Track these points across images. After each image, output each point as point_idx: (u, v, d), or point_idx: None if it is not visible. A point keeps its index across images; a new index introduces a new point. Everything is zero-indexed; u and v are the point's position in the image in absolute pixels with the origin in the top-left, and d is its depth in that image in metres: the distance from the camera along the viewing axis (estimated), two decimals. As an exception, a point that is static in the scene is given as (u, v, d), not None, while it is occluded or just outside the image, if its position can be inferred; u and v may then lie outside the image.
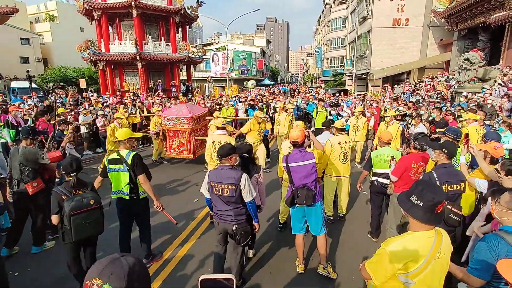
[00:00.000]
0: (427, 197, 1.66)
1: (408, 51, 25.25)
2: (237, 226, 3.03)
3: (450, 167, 3.16)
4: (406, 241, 1.72)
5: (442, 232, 1.80)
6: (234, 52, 44.30)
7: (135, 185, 3.55)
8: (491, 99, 9.96)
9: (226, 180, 2.95)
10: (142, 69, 19.52)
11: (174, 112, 7.67)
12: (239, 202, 3.03)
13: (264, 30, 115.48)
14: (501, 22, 15.36)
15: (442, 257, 1.74)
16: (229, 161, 3.04)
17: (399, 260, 1.67)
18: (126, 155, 3.51)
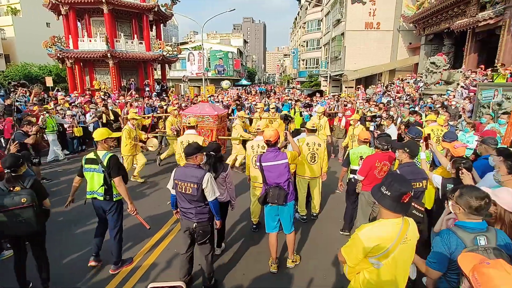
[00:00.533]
0: (395, 188, 1.83)
1: (379, 54, 26.19)
2: (197, 225, 3.09)
3: (413, 166, 3.29)
4: (376, 227, 1.91)
5: (409, 221, 1.96)
6: (211, 52, 43.86)
7: (109, 186, 3.52)
8: (455, 100, 10.52)
9: (190, 179, 3.00)
10: (114, 68, 18.80)
11: (197, 110, 7.41)
12: (201, 201, 3.07)
13: (241, 30, 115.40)
14: (463, 28, 16.31)
15: (408, 243, 1.91)
16: (194, 160, 3.09)
17: (369, 243, 1.84)
18: (103, 156, 3.47)
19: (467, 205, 1.89)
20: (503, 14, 14.00)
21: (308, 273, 3.74)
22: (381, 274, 1.91)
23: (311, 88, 31.18)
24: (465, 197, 1.91)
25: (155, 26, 22.76)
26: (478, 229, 1.88)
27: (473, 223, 1.90)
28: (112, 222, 3.68)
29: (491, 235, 1.86)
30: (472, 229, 1.89)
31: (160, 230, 4.80)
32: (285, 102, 14.42)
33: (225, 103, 11.99)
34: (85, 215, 4.99)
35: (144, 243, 4.42)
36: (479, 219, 1.90)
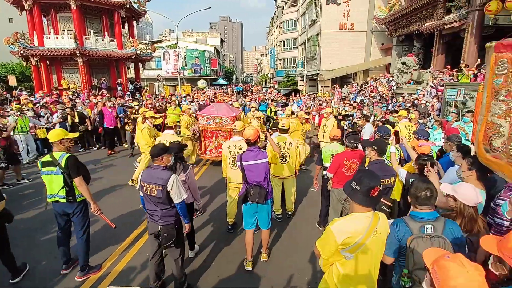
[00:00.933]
0: (364, 183, 1.94)
1: (354, 54, 26.86)
2: (162, 227, 3.01)
3: (382, 163, 3.38)
4: (347, 221, 2.01)
5: (379, 215, 2.06)
6: (187, 51, 43.08)
7: (71, 188, 3.42)
8: (424, 99, 10.94)
9: (155, 181, 2.94)
10: (83, 66, 17.97)
11: (214, 111, 7.20)
12: (167, 203, 3.01)
13: (218, 29, 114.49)
14: (431, 30, 17.05)
15: (378, 236, 2.00)
16: (160, 161, 3.04)
17: (340, 236, 1.93)
18: (60, 157, 3.35)
19: (414, 197, 2.07)
20: (466, 18, 14.77)
21: (283, 271, 3.72)
22: (352, 266, 2.01)
23: (288, 87, 31.46)
24: (412, 189, 2.09)
25: (128, 24, 22.02)
26: (426, 218, 2.01)
27: (422, 213, 2.04)
28: (78, 224, 3.56)
29: (438, 225, 2.00)
30: (420, 218, 2.03)
31: (132, 233, 4.60)
32: (262, 101, 14.46)
33: (201, 103, 11.78)
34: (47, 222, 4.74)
35: (114, 248, 4.22)
36: (427, 209, 2.03)
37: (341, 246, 1.95)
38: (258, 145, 3.72)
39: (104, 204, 5.65)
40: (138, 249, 4.17)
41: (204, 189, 6.45)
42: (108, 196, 6.17)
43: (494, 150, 2.80)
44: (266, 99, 14.50)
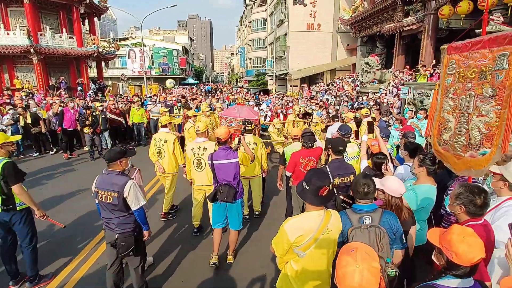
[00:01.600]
0: (313, 182, 2.00)
1: (321, 54, 27.56)
2: (119, 235, 2.87)
3: (341, 162, 3.46)
4: (299, 219, 2.09)
5: (331, 213, 2.13)
6: (154, 49, 41.76)
7: (8, 196, 3.17)
8: (386, 98, 11.45)
9: (110, 187, 2.79)
10: (39, 65, 16.80)
11: (235, 113, 6.86)
12: (124, 210, 2.86)
13: (186, 27, 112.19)
14: (391, 32, 17.91)
15: (329, 233, 2.06)
16: (118, 166, 2.89)
17: (292, 234, 2.00)
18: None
19: (354, 191, 2.18)
20: (422, 21, 15.67)
21: (249, 272, 3.69)
22: (305, 263, 2.07)
23: (258, 87, 31.58)
24: (353, 185, 2.20)
25: (88, 20, 20.93)
26: (365, 210, 2.12)
27: (362, 205, 2.15)
28: (21, 234, 3.31)
29: (376, 216, 2.11)
30: (360, 210, 2.14)
31: (90, 241, 4.35)
32: (232, 101, 14.37)
33: (168, 103, 11.45)
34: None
35: (70, 257, 3.97)
36: (366, 202, 2.14)
37: (294, 244, 2.01)
38: (230, 145, 3.75)
39: (61, 211, 5.37)
40: (96, 259, 3.94)
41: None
42: (67, 202, 5.81)
43: (444, 143, 3.03)
44: (235, 99, 14.41)
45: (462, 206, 2.05)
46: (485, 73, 2.43)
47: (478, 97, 2.53)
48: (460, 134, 2.79)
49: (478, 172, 2.64)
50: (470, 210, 2.02)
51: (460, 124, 2.77)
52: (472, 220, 2.05)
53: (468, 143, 2.67)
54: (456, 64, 2.89)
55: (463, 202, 2.04)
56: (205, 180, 4.23)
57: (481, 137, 2.51)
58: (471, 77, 2.64)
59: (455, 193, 2.11)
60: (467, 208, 2.03)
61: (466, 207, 2.04)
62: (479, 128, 2.53)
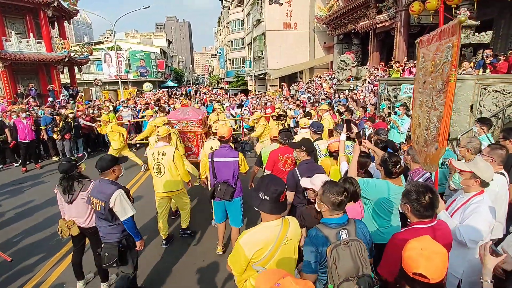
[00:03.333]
0: (272, 190, 1.83)
1: (299, 53, 27.68)
2: (104, 245, 2.85)
3: (311, 163, 3.37)
4: (255, 232, 1.88)
5: (289, 220, 1.97)
6: (130, 52, 40.74)
7: None
8: (362, 95, 11.57)
9: (99, 196, 2.79)
10: (5, 72, 16.02)
11: (179, 115, 7.04)
12: (110, 220, 2.83)
13: (164, 30, 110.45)
14: (366, 29, 18.18)
15: (289, 243, 1.91)
16: (112, 174, 2.87)
17: (250, 250, 1.80)
18: None
19: (330, 202, 1.89)
20: (395, 17, 16.00)
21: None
22: None
23: (238, 87, 31.40)
24: (327, 194, 1.90)
25: (58, 24, 20.10)
26: (340, 224, 1.90)
27: (336, 218, 1.91)
28: None
29: (351, 228, 1.91)
30: (335, 224, 1.89)
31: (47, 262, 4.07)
32: (210, 102, 14.18)
33: (138, 108, 11.16)
34: None
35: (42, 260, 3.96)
36: (340, 214, 1.93)
37: (252, 260, 1.82)
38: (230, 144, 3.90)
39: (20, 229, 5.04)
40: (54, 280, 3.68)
41: (140, 200, 6.01)
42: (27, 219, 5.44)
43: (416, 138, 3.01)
44: (213, 100, 14.23)
45: (408, 206, 1.94)
46: (439, 65, 2.38)
47: (434, 91, 2.47)
48: (424, 129, 2.74)
49: (431, 167, 2.62)
50: (416, 209, 1.91)
51: (425, 119, 2.71)
52: (419, 223, 1.93)
53: (428, 137, 2.63)
54: (424, 58, 2.85)
55: (409, 201, 1.93)
56: (164, 187, 4.12)
57: (436, 131, 2.45)
58: (431, 70, 2.59)
59: (403, 192, 2.00)
60: (412, 208, 1.92)
61: (411, 206, 1.92)
62: (434, 123, 2.47)
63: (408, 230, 1.99)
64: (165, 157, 4.05)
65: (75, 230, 3.14)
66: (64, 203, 3.13)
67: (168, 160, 4.06)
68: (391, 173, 2.68)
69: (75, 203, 3.09)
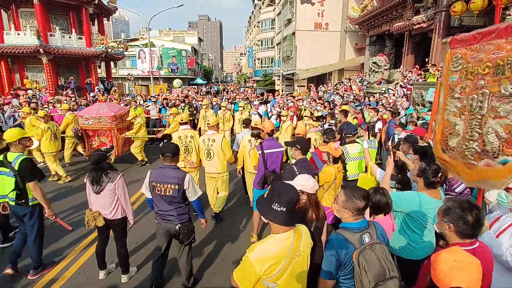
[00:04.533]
0: (287, 200, 1.71)
1: (329, 54, 27.14)
2: (180, 226, 3.05)
3: (306, 162, 3.39)
4: (267, 246, 1.73)
5: (301, 230, 1.84)
6: (163, 49, 42.09)
7: (23, 191, 3.38)
8: (392, 98, 11.13)
9: (169, 180, 2.96)
10: (49, 65, 17.07)
11: (93, 111, 7.48)
12: (182, 202, 3.05)
13: (196, 28, 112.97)
14: (401, 31, 17.47)
15: (302, 255, 1.79)
16: (171, 161, 3.07)
17: (262, 266, 1.66)
18: (15, 159, 3.31)
19: (355, 208, 1.84)
20: (433, 18, 15.23)
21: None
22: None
23: (265, 87, 31.39)
24: (352, 199, 1.85)
25: (97, 21, 21.17)
26: (362, 227, 1.86)
27: (357, 222, 1.87)
28: (30, 228, 3.51)
29: (372, 231, 1.87)
30: (357, 228, 1.85)
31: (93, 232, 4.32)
32: (237, 101, 14.29)
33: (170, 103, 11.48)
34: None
35: (72, 247, 4.26)
36: (361, 218, 1.89)
37: (264, 276, 1.69)
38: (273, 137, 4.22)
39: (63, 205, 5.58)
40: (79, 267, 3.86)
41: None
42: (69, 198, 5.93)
43: (450, 150, 2.70)
44: (241, 99, 14.34)
45: (450, 225, 1.73)
46: (503, 67, 2.08)
47: (494, 96, 2.17)
48: (471, 140, 2.38)
49: (497, 184, 2.21)
50: (460, 229, 1.70)
51: (472, 128, 2.38)
52: (462, 244, 1.71)
53: (483, 149, 2.28)
54: (463, 59, 2.53)
55: (452, 220, 1.71)
56: (213, 169, 4.75)
57: (499, 142, 2.13)
58: (483, 73, 2.26)
59: (443, 209, 1.79)
60: (456, 227, 1.71)
61: (455, 225, 1.71)
62: (496, 132, 2.15)
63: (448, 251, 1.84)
64: (214, 144, 4.66)
65: (100, 221, 3.26)
66: (91, 193, 3.23)
67: (217, 146, 4.67)
68: (432, 183, 2.52)
69: (103, 194, 3.18)
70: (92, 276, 3.62)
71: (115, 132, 7.42)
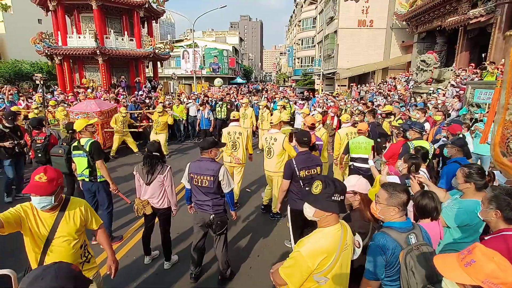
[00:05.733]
0: (343, 188, 1.75)
1: (372, 52, 26.04)
2: (214, 216, 3.19)
3: (308, 154, 3.51)
4: (318, 240, 1.71)
5: (345, 224, 1.85)
6: (205, 50, 43.49)
7: (93, 169, 4.03)
8: (441, 99, 10.41)
9: (206, 172, 3.12)
10: (104, 65, 18.56)
11: (83, 106, 8.23)
12: (217, 193, 3.19)
13: (238, 28, 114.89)
14: (455, 26, 16.21)
15: (348, 248, 1.79)
16: (209, 154, 3.22)
17: (314, 260, 1.64)
18: (85, 143, 3.97)
19: (400, 203, 1.81)
20: (494, 12, 13.92)
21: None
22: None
23: (305, 86, 31.01)
24: (396, 194, 1.82)
25: (147, 23, 22.52)
26: (408, 227, 1.83)
27: (403, 222, 1.83)
28: (102, 201, 4.20)
29: (418, 232, 1.83)
30: (404, 228, 1.81)
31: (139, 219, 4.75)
32: (276, 99, 14.37)
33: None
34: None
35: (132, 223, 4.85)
36: (405, 217, 1.85)
37: (315, 271, 1.67)
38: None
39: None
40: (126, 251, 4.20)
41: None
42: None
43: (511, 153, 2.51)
44: (279, 97, 14.41)
45: (497, 211, 1.77)
46: None
47: None
48: None
49: None
50: (508, 215, 1.74)
51: None
52: (508, 229, 1.74)
53: None
54: None
55: (499, 206, 1.76)
56: (272, 167, 4.81)
57: None
58: None
59: (488, 197, 1.83)
60: (504, 213, 1.75)
61: (503, 211, 1.75)
62: None
63: (495, 237, 1.79)
64: (276, 142, 4.72)
65: (149, 209, 3.53)
66: (142, 184, 3.48)
67: (278, 145, 4.70)
68: (485, 184, 2.41)
69: (152, 185, 3.42)
70: (138, 260, 3.92)
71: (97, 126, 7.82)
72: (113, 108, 8.87)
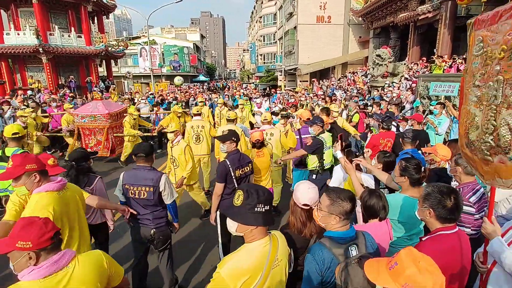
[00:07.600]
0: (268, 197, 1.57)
1: (332, 47, 26.68)
2: (155, 230, 2.84)
3: (238, 153, 3.35)
4: (240, 258, 1.53)
5: (277, 236, 1.66)
6: (165, 47, 41.89)
7: None
8: (396, 92, 10.79)
9: (143, 182, 2.74)
10: (48, 64, 16.99)
11: (89, 109, 7.45)
12: (158, 205, 2.85)
13: (199, 25, 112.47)
14: (406, 22, 17.03)
15: (280, 264, 1.60)
16: (147, 161, 2.83)
17: (235, 282, 1.47)
18: (12, 153, 3.42)
19: (342, 212, 1.61)
20: (439, 8, 14.75)
21: None
22: None
23: (268, 82, 31.05)
24: (338, 202, 1.62)
25: (97, 18, 21.02)
26: (349, 238, 1.64)
27: (345, 232, 1.63)
28: None
29: (361, 242, 1.66)
30: (344, 239, 1.62)
31: None
32: (237, 97, 14.09)
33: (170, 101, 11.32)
34: None
35: None
36: (348, 226, 1.67)
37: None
38: None
39: None
40: None
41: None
42: None
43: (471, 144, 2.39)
44: (241, 94, 14.14)
45: (430, 210, 1.71)
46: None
47: (507, 84, 1.82)
48: (487, 133, 2.02)
49: (507, 183, 1.97)
50: (440, 213, 1.69)
51: (488, 120, 2.01)
52: (443, 229, 1.70)
53: (497, 144, 1.95)
54: (484, 42, 2.17)
55: (432, 205, 1.70)
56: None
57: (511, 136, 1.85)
58: (499, 57, 1.85)
59: (423, 195, 1.76)
60: (436, 212, 1.69)
61: (435, 210, 1.69)
62: (509, 125, 1.86)
63: (431, 238, 1.74)
64: (273, 137, 4.99)
65: None
66: None
67: (275, 140, 4.98)
68: (418, 180, 2.33)
69: None
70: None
71: (106, 130, 7.40)
72: (123, 109, 8.16)
